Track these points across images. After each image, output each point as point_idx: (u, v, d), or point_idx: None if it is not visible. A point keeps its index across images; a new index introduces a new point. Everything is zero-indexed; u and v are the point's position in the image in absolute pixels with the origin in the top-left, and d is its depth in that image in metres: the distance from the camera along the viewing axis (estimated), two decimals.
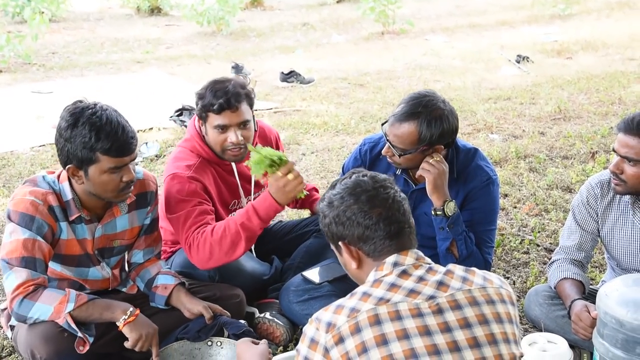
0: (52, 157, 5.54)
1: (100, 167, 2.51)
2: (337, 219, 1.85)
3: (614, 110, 6.81)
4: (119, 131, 2.48)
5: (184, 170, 2.97)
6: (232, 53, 10.70)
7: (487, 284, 1.79)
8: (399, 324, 1.67)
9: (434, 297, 1.72)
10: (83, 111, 2.49)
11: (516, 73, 8.76)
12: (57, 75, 9.16)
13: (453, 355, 1.66)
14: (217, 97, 2.90)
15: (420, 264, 1.81)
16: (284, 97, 7.59)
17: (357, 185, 1.86)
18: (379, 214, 1.82)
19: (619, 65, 8.99)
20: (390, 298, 1.71)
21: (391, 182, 1.90)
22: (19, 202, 2.56)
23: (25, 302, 2.49)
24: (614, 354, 2.19)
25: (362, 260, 1.86)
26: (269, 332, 2.95)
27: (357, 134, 6.15)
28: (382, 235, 1.82)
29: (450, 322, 1.70)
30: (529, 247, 3.91)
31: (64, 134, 2.50)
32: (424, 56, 10.07)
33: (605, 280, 2.96)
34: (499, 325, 1.73)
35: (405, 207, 1.88)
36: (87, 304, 2.56)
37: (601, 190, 2.78)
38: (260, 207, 2.80)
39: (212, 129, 2.96)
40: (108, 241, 2.78)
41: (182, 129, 6.27)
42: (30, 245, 2.51)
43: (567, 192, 4.68)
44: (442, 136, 2.78)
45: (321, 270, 3.13)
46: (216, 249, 2.81)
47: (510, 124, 6.38)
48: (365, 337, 1.66)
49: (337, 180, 1.95)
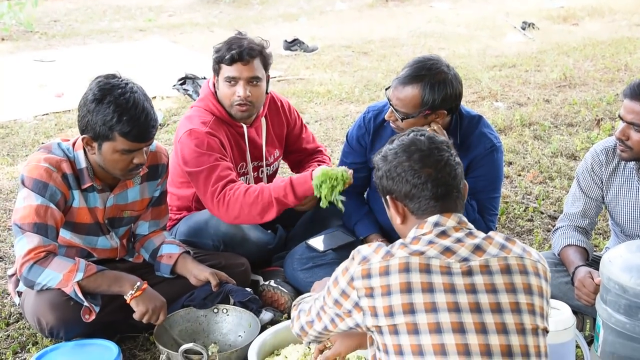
0: (55, 126, 5.54)
1: (114, 146, 2.53)
2: (388, 174, 1.87)
3: (620, 77, 6.76)
4: (142, 117, 2.50)
5: (200, 126, 2.97)
6: (235, 21, 10.61)
7: (525, 255, 1.79)
8: (426, 276, 1.71)
9: (467, 260, 1.74)
10: (112, 89, 2.49)
11: (521, 40, 8.68)
12: (60, 44, 9.10)
13: (473, 316, 1.68)
14: (230, 49, 2.94)
15: (461, 228, 1.82)
16: (287, 66, 7.54)
17: (413, 143, 1.87)
18: (428, 174, 1.82)
19: (625, 31, 8.90)
20: (425, 252, 1.74)
21: (448, 146, 1.89)
22: (34, 168, 2.57)
23: (35, 267, 2.52)
24: (616, 319, 2.21)
25: (407, 216, 1.87)
26: (273, 300, 2.98)
27: (361, 102, 6.12)
28: (428, 195, 1.82)
29: (477, 284, 1.72)
30: (533, 214, 3.91)
31: (89, 105, 2.51)
32: (428, 23, 9.97)
33: (609, 247, 2.97)
34: (527, 296, 1.73)
35: (457, 171, 1.87)
36: (96, 274, 2.59)
37: (606, 157, 2.77)
38: (299, 186, 2.85)
39: (223, 82, 2.99)
40: (118, 211, 2.80)
41: (186, 97, 6.24)
42: (43, 211, 2.53)
43: (571, 159, 4.67)
44: (445, 100, 2.76)
45: (325, 238, 3.15)
46: (245, 210, 2.85)
47: (515, 92, 6.34)
48: (391, 281, 1.71)
49: (396, 136, 1.95)
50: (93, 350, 2.60)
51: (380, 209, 3.16)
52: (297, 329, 2.03)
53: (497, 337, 1.68)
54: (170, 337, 2.70)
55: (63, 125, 5.55)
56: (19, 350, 2.76)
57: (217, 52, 3.02)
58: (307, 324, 1.96)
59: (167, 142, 5.19)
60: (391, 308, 1.70)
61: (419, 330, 1.68)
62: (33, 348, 2.72)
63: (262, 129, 3.22)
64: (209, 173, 2.89)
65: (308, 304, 2.00)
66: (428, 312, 1.68)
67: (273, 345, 2.57)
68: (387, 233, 3.14)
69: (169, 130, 5.46)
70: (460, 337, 1.67)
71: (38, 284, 2.54)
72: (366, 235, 3.14)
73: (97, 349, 2.61)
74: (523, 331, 1.70)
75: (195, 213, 3.18)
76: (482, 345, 1.67)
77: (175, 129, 5.41)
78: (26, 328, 2.86)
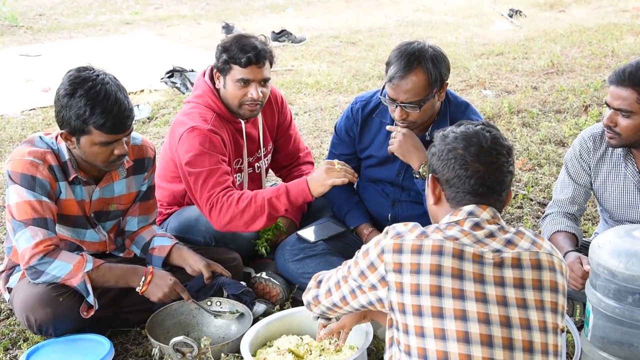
0: (42, 121, 5.51)
1: (91, 139, 2.51)
2: (440, 154, 1.86)
3: (607, 63, 6.78)
4: (115, 109, 2.47)
5: (202, 123, 2.95)
6: (222, 13, 10.57)
7: (553, 252, 1.81)
8: (458, 262, 1.71)
9: (500, 251, 1.75)
10: (83, 82, 2.47)
11: (509, 28, 8.69)
12: (45, 38, 9.04)
13: (499, 308, 1.69)
14: (245, 51, 2.91)
15: (495, 222, 1.81)
16: (275, 57, 7.52)
17: (477, 135, 1.84)
18: (476, 170, 1.81)
19: (612, 17, 8.92)
20: (460, 238, 1.75)
21: (509, 152, 1.86)
22: (18, 162, 2.56)
23: (46, 258, 2.53)
24: (606, 304, 2.22)
25: (441, 200, 1.87)
26: (265, 292, 2.97)
27: (349, 92, 6.11)
28: (467, 189, 1.82)
29: (506, 277, 1.72)
30: (523, 201, 3.93)
31: (62, 100, 2.49)
32: (416, 12, 9.97)
33: (598, 233, 2.98)
34: (552, 295, 1.75)
35: (506, 179, 1.84)
36: (104, 267, 2.61)
37: (594, 143, 2.78)
38: (292, 189, 2.85)
39: (234, 82, 2.96)
40: (105, 205, 2.79)
41: (174, 90, 6.21)
42: (38, 206, 2.54)
43: (560, 146, 4.68)
44: (447, 70, 2.80)
45: (316, 229, 3.15)
46: (237, 217, 2.84)
47: (503, 80, 6.35)
48: (422, 260, 1.71)
49: (465, 121, 1.93)
50: (85, 345, 2.60)
51: (370, 199, 3.17)
52: (310, 297, 2.02)
53: (520, 333, 1.69)
54: (163, 330, 2.70)
55: (50, 120, 5.51)
56: (10, 347, 2.74)
57: (226, 51, 2.95)
58: (324, 293, 1.95)
59: (155, 135, 5.17)
60: (418, 287, 1.70)
61: (444, 314, 1.68)
62: (24, 344, 2.71)
63: (258, 122, 3.21)
64: (207, 177, 2.88)
65: (329, 274, 1.99)
66: (455, 299, 1.68)
67: (265, 337, 2.58)
68: (378, 222, 3.15)
69: (157, 123, 5.43)
70: (485, 327, 1.67)
71: (47, 274, 2.54)
72: (357, 225, 3.14)
73: (89, 343, 2.61)
74: (545, 329, 1.72)
75: (186, 208, 3.18)
76: (505, 339, 1.68)
77: (164, 122, 5.42)
78: (16, 324, 2.85)
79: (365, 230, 3.11)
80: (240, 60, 2.91)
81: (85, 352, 2.56)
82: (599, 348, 2.29)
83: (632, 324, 2.19)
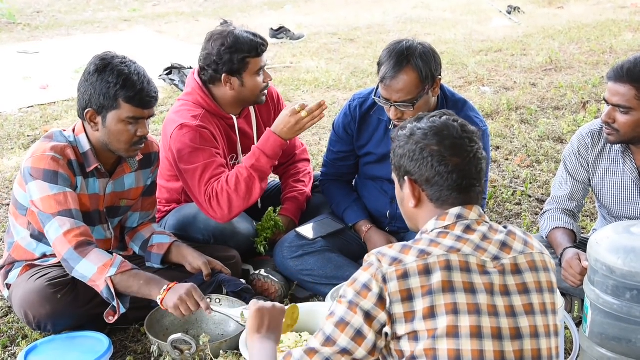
0: (40, 119, 5.49)
1: (119, 114, 2.56)
2: (412, 154, 1.76)
3: (605, 59, 6.78)
4: (145, 83, 2.57)
5: (190, 120, 2.97)
6: (220, 10, 10.55)
7: (543, 250, 1.77)
8: (467, 276, 1.64)
9: (499, 258, 1.69)
10: (113, 59, 2.57)
11: (507, 24, 8.68)
12: (43, 35, 9.01)
13: (508, 320, 1.64)
14: (263, 44, 3.02)
15: (482, 221, 1.76)
16: (274, 54, 7.51)
17: (446, 127, 1.76)
18: (456, 164, 1.73)
19: (610, 14, 8.92)
20: (461, 248, 1.67)
21: (478, 137, 1.80)
22: (40, 159, 2.57)
23: (75, 254, 2.53)
24: (604, 300, 2.22)
25: (423, 202, 1.78)
26: (264, 289, 2.98)
27: (348, 89, 6.11)
28: (450, 185, 1.73)
29: (509, 285, 1.67)
30: (521, 198, 3.93)
31: (90, 77, 2.56)
32: (414, 9, 9.96)
33: (596, 229, 2.99)
34: (550, 295, 1.72)
35: (482, 166, 1.79)
36: (130, 272, 2.56)
37: (592, 139, 2.78)
38: (265, 146, 2.89)
39: (254, 74, 3.02)
40: (116, 199, 2.81)
41: (172, 87, 6.21)
42: (63, 198, 2.55)
43: (558, 142, 4.69)
44: (438, 65, 2.80)
45: (315, 226, 3.15)
46: (234, 196, 2.86)
47: (501, 76, 6.35)
48: (433, 280, 1.61)
49: (425, 115, 1.83)
50: (84, 342, 2.61)
51: (368, 196, 3.17)
52: None
53: (529, 342, 1.65)
54: (161, 328, 2.70)
55: (49, 118, 5.51)
56: (9, 344, 2.74)
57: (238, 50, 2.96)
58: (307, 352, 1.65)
59: (154, 132, 5.15)
60: (433, 309, 1.60)
61: (459, 334, 1.59)
62: (23, 342, 2.70)
63: (251, 118, 3.21)
64: (203, 172, 2.89)
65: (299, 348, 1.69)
66: (471, 314, 1.60)
67: None
68: (376, 220, 3.15)
69: (156, 120, 5.42)
70: (498, 343, 1.61)
71: (75, 271, 2.55)
72: (355, 222, 3.14)
73: (88, 341, 2.61)
74: (548, 333, 1.69)
75: (184, 206, 3.18)
76: (516, 352, 1.63)
77: (162, 119, 5.40)
78: (15, 322, 2.85)
79: (363, 227, 3.11)
80: (257, 50, 2.99)
81: (84, 350, 2.56)
82: (597, 344, 2.30)
83: (630, 320, 2.19)
